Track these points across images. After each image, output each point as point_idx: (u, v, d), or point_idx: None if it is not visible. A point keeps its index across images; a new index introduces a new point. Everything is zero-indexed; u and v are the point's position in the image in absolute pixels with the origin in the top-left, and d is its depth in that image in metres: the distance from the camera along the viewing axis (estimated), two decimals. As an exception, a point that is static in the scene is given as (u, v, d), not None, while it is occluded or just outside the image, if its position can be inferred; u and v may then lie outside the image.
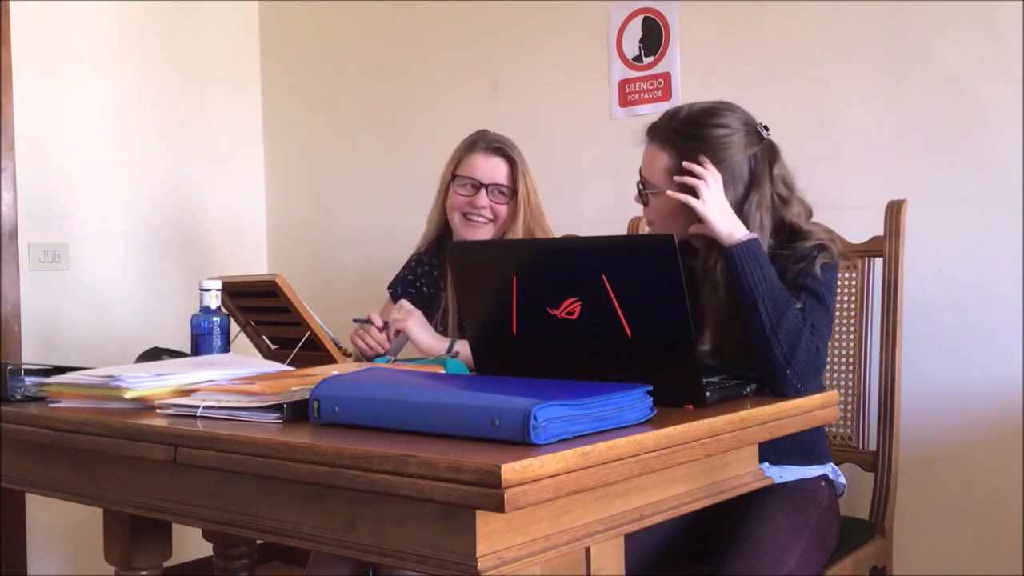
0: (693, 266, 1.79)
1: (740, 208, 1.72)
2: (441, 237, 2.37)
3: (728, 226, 1.65)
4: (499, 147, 2.27)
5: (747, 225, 1.69)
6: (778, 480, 1.78)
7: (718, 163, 1.72)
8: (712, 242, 1.70)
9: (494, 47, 3.05)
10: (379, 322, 2.15)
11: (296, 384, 1.42)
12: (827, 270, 1.71)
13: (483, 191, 2.24)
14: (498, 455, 1.06)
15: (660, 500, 1.32)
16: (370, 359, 2.11)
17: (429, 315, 2.36)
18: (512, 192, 2.26)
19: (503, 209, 2.25)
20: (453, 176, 2.27)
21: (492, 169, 2.25)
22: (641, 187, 1.82)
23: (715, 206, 1.66)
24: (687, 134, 1.75)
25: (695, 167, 1.70)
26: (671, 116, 1.79)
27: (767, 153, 1.77)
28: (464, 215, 2.25)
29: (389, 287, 2.43)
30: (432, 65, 3.19)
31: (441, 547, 1.11)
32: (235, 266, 3.44)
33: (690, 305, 1.37)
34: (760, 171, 1.75)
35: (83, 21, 3.12)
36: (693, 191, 1.68)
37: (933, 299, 2.28)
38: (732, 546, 1.64)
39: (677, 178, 1.71)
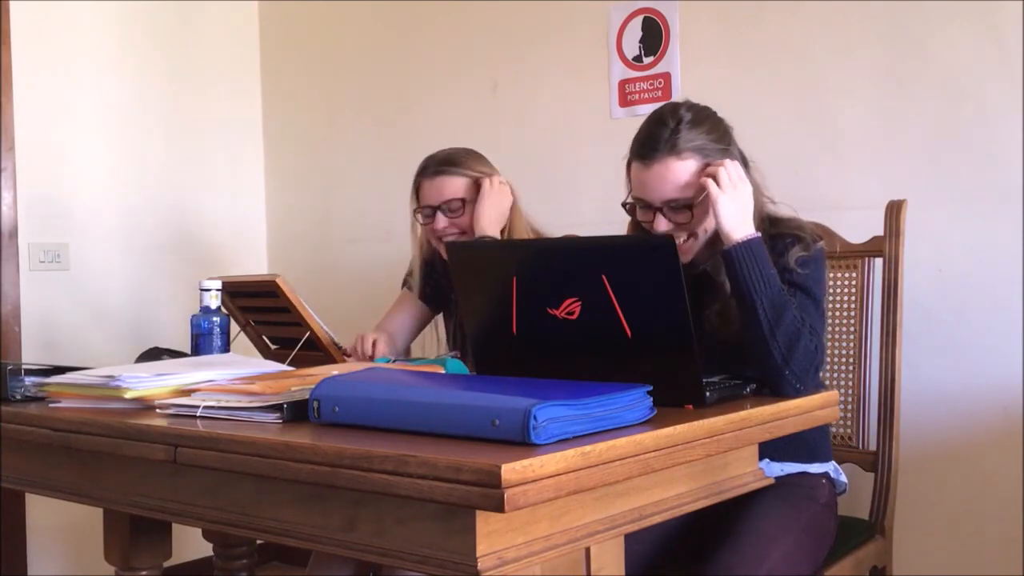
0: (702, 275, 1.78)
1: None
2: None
3: (734, 224, 1.62)
4: (441, 169, 2.25)
5: (757, 207, 1.68)
6: (779, 474, 1.78)
7: (730, 155, 1.71)
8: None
9: (494, 47, 3.05)
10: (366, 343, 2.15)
11: (296, 384, 1.42)
12: (804, 263, 1.70)
13: (438, 214, 2.22)
14: (498, 455, 1.06)
15: (660, 500, 1.32)
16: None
17: (447, 314, 2.36)
18: (463, 202, 2.23)
19: (466, 220, 2.23)
20: (414, 210, 2.29)
21: (438, 189, 2.24)
22: (668, 208, 1.71)
23: (731, 201, 1.63)
24: (701, 135, 1.70)
25: (726, 163, 1.66)
26: (672, 127, 1.69)
27: None
28: (438, 240, 2.25)
29: (404, 285, 2.42)
30: (432, 65, 3.19)
31: (441, 547, 1.11)
32: (235, 266, 3.44)
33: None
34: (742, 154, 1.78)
35: (83, 21, 3.12)
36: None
37: (933, 299, 2.28)
38: (722, 543, 1.63)
39: (709, 170, 1.66)
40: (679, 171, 1.68)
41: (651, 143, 1.70)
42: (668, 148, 1.68)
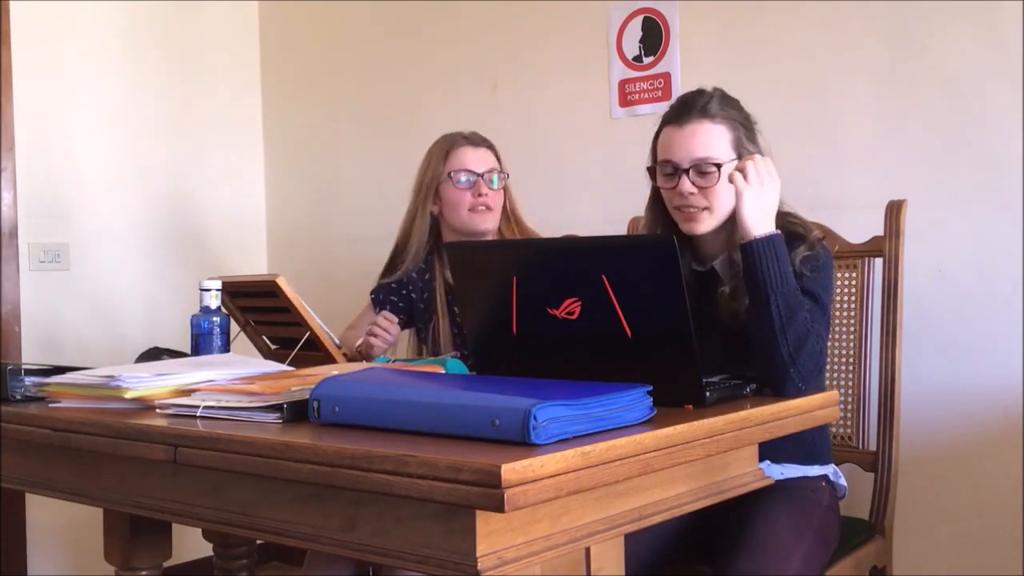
0: (702, 274, 1.78)
1: None
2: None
3: (755, 221, 1.61)
4: (485, 141, 2.31)
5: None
6: (779, 477, 1.78)
7: (753, 141, 1.76)
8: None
9: (494, 47, 3.05)
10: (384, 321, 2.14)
11: (296, 384, 1.42)
12: (813, 267, 1.71)
13: (480, 181, 2.24)
14: (498, 455, 1.06)
15: (660, 500, 1.32)
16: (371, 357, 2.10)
17: (423, 324, 2.35)
18: (506, 176, 2.29)
19: (500, 195, 2.28)
20: (449, 174, 2.26)
21: (484, 157, 2.28)
22: (695, 170, 1.74)
23: (756, 198, 1.63)
24: (732, 111, 1.77)
25: (757, 158, 1.68)
26: (707, 97, 1.77)
27: None
28: (470, 209, 2.24)
29: (372, 293, 2.42)
30: (432, 65, 3.19)
31: (441, 547, 1.11)
32: (235, 266, 3.44)
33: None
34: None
35: (83, 21, 3.12)
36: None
37: (933, 299, 2.28)
38: (736, 546, 1.63)
39: (740, 163, 1.68)
40: (711, 132, 1.75)
41: (686, 107, 1.78)
42: (702, 112, 1.76)
